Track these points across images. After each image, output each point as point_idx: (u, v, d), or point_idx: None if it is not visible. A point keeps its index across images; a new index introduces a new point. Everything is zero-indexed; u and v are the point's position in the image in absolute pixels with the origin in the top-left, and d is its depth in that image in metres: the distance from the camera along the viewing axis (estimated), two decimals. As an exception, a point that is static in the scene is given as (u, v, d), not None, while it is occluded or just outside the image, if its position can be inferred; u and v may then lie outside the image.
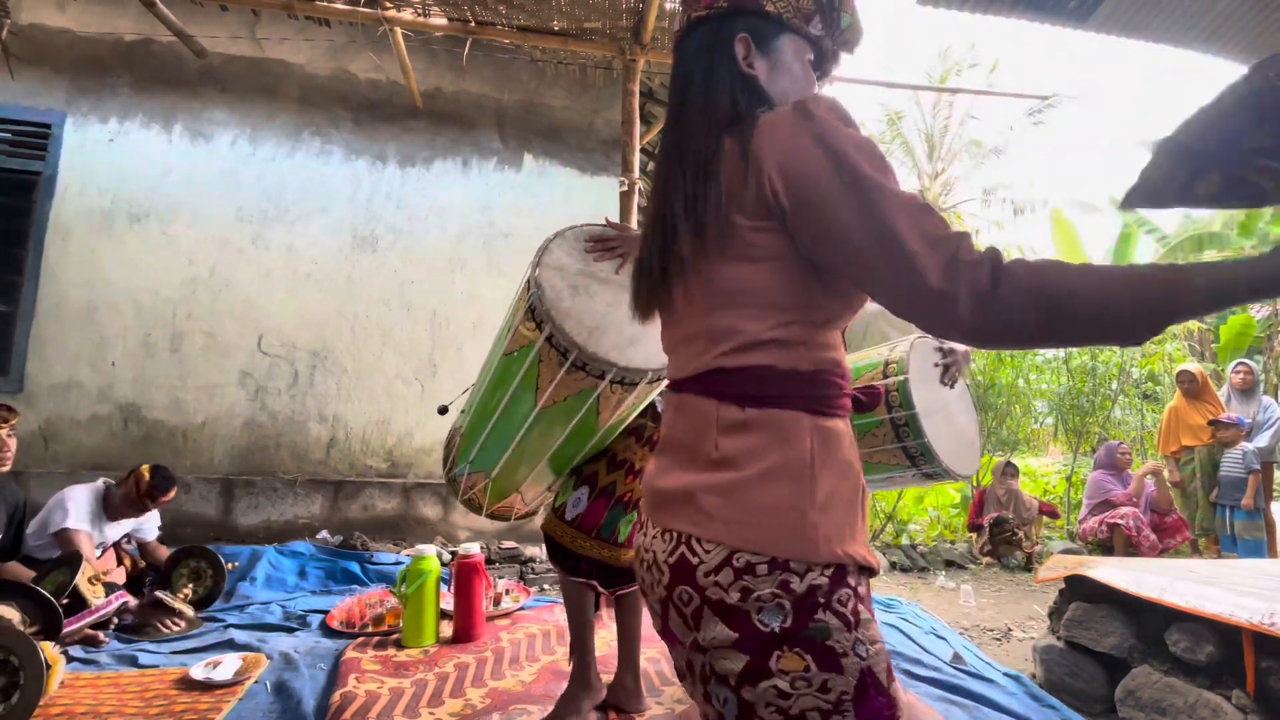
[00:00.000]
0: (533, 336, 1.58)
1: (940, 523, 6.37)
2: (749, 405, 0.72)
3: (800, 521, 0.67)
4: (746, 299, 0.73)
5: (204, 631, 2.68)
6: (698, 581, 0.69)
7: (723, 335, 0.74)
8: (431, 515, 4.25)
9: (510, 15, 3.71)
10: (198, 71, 4.18)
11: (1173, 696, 2.00)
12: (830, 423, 0.73)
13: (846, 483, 0.72)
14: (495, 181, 4.58)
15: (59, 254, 3.92)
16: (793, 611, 0.66)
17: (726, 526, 0.69)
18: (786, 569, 0.66)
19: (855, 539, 0.70)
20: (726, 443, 0.72)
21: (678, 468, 0.76)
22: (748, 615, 0.67)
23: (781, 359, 0.72)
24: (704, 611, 0.69)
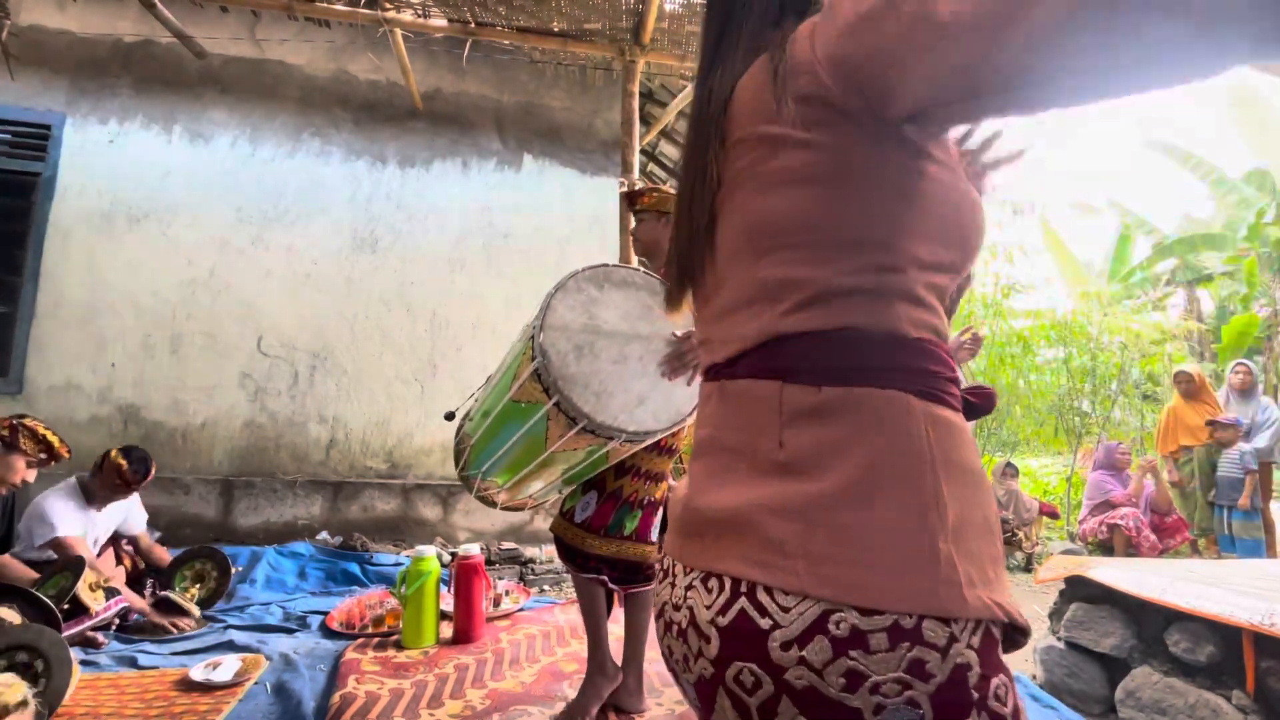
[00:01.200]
0: (541, 399, 1.58)
1: (940, 523, 6.35)
2: (826, 382, 0.50)
3: (929, 553, 0.45)
4: (807, 234, 0.52)
5: (204, 633, 2.68)
6: (770, 657, 0.45)
7: (778, 290, 0.53)
8: (431, 516, 4.25)
9: (510, 16, 3.72)
10: (198, 73, 4.18)
11: (1173, 697, 2.00)
12: (947, 414, 0.50)
13: (979, 499, 0.49)
14: (495, 182, 4.58)
15: (59, 255, 3.92)
16: (931, 712, 0.43)
17: (815, 567, 0.45)
18: (919, 639, 0.43)
19: (1004, 584, 0.48)
20: (795, 437, 0.50)
21: (725, 479, 0.53)
22: (858, 714, 0.43)
23: (870, 317, 0.50)
24: (781, 704, 0.45)
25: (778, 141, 0.52)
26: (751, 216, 0.54)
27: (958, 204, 0.54)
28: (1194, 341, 9.78)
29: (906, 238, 0.51)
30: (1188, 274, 10.97)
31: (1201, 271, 10.80)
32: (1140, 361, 6.80)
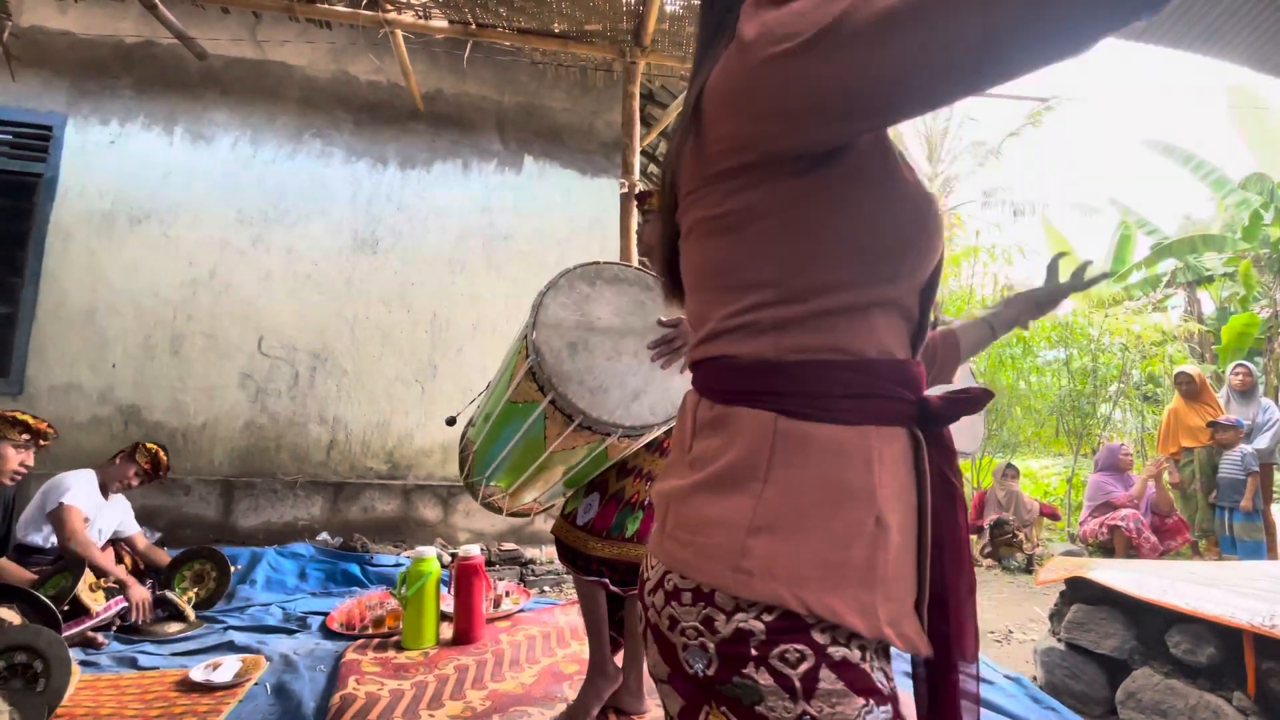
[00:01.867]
0: (537, 397, 1.58)
1: (941, 524, 6.35)
2: (719, 401, 0.61)
3: (729, 544, 0.54)
4: (710, 279, 0.63)
5: (204, 633, 2.68)
6: (644, 598, 0.62)
7: (697, 323, 0.65)
8: (431, 517, 4.25)
9: (511, 17, 3.72)
10: (199, 74, 4.19)
11: (1173, 698, 2.00)
12: (816, 428, 0.56)
13: (826, 507, 0.54)
14: (495, 183, 4.58)
15: (59, 256, 3.93)
16: (716, 658, 0.53)
17: (663, 540, 0.60)
18: (711, 602, 0.54)
19: (836, 587, 0.53)
20: (699, 444, 0.62)
21: (670, 470, 0.67)
22: (675, 650, 0.56)
23: (744, 348, 0.59)
24: (648, 634, 0.61)
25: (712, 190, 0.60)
26: (690, 259, 0.66)
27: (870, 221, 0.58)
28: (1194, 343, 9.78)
29: (794, 273, 0.58)
30: (1188, 275, 10.97)
31: (1202, 272, 10.80)
32: (1141, 363, 6.80)
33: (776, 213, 0.57)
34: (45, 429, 2.64)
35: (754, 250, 0.58)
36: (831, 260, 0.57)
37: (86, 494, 2.73)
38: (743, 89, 0.53)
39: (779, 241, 0.57)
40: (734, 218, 0.58)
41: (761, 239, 0.58)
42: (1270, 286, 9.43)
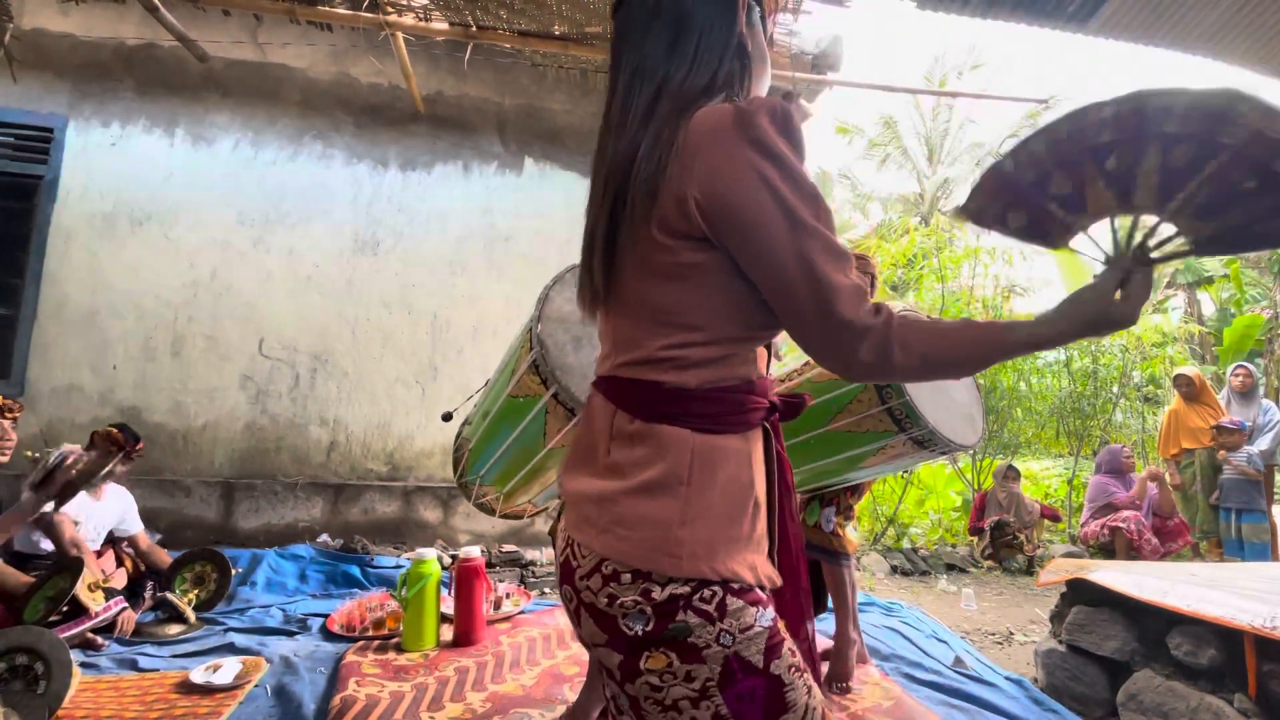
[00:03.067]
0: (539, 390, 1.58)
1: (941, 526, 6.36)
2: (639, 417, 0.73)
3: (664, 537, 0.69)
4: (651, 313, 0.73)
5: (204, 635, 2.68)
6: (575, 583, 0.73)
7: (625, 346, 0.76)
8: (432, 519, 4.24)
9: (511, 20, 3.72)
10: (200, 76, 4.19)
11: (1174, 700, 2.00)
12: (720, 439, 0.73)
13: (727, 499, 0.72)
14: (496, 185, 4.59)
15: (60, 258, 3.93)
16: (654, 616, 0.68)
17: (599, 535, 0.71)
18: (648, 579, 0.68)
19: (731, 555, 0.70)
20: (616, 451, 0.74)
21: (579, 469, 0.78)
22: (615, 620, 0.70)
23: (669, 377, 0.72)
24: (580, 611, 0.73)
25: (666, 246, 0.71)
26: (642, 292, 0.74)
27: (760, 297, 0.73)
28: (1195, 344, 9.78)
29: (720, 320, 0.73)
30: (1188, 276, 10.97)
31: (1202, 274, 10.80)
32: (1141, 364, 6.79)
33: (714, 275, 0.71)
34: (4, 402, 2.60)
35: (694, 300, 0.72)
36: (745, 316, 0.73)
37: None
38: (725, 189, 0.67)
39: (712, 297, 0.71)
40: (688, 270, 0.71)
41: (700, 291, 0.71)
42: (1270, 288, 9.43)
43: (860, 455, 2.02)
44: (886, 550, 5.09)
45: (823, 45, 4.17)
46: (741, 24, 0.76)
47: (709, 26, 0.73)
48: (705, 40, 0.73)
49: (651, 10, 0.75)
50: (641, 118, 0.72)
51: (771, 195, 0.66)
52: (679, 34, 0.73)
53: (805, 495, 2.44)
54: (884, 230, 13.88)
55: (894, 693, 2.26)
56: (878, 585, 4.30)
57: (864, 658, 2.51)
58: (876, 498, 6.07)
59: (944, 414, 1.93)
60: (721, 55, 0.73)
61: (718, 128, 0.67)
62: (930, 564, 4.83)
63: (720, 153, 0.66)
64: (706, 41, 0.73)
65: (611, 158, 0.74)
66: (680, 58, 0.72)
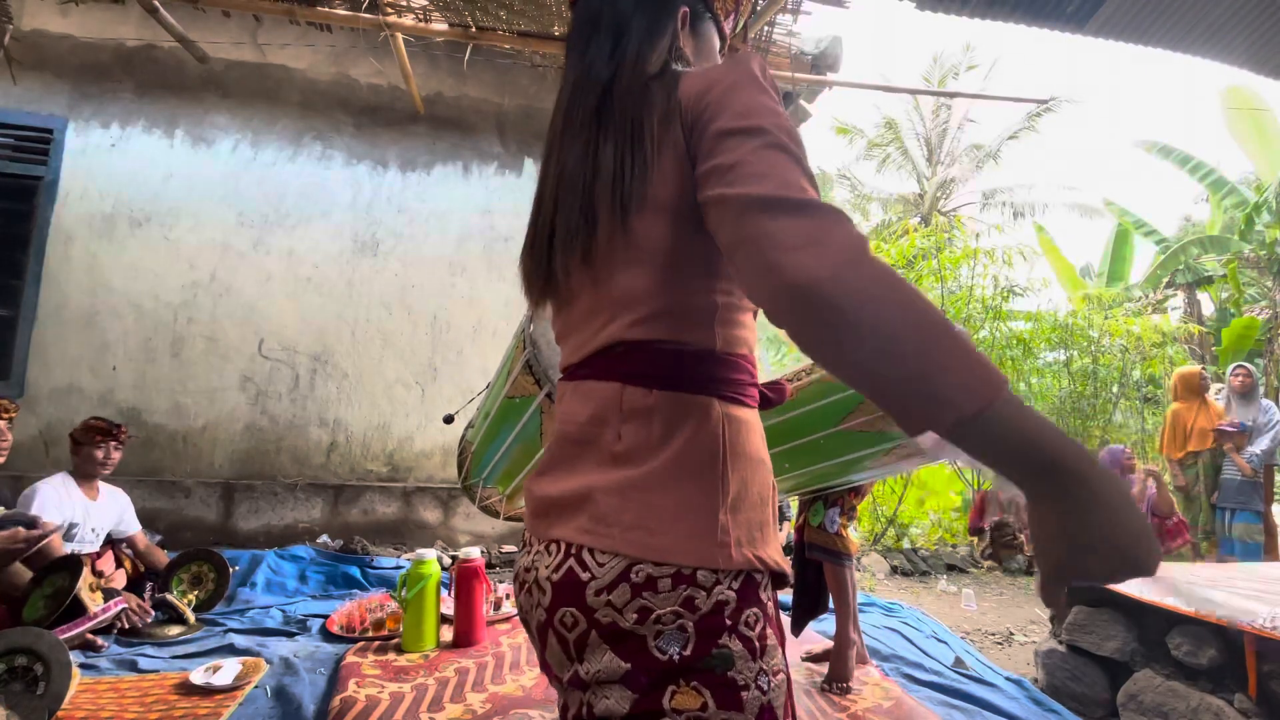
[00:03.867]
0: (533, 390, 1.59)
1: (941, 526, 6.36)
2: (657, 386, 0.62)
3: (710, 523, 0.59)
4: (660, 258, 0.62)
5: (204, 636, 2.67)
6: (586, 601, 0.58)
7: (630, 301, 0.63)
8: (432, 519, 4.24)
9: (510, 21, 3.72)
10: (199, 77, 4.20)
11: (1175, 700, 2.00)
12: (743, 411, 0.65)
13: (758, 478, 0.64)
14: (496, 186, 4.59)
15: (60, 259, 3.93)
16: (695, 635, 0.56)
17: (625, 533, 0.58)
18: (693, 582, 0.57)
19: (768, 542, 0.62)
20: (631, 431, 0.61)
21: (571, 468, 0.65)
22: (644, 641, 0.57)
23: (695, 336, 0.63)
24: (590, 638, 0.58)
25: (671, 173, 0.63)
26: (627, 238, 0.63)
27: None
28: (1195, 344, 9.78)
29: (728, 277, 0.64)
30: (1187, 276, 10.98)
31: (1201, 274, 10.81)
32: (1141, 364, 6.79)
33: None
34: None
35: (702, 244, 0.62)
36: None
37: (57, 502, 2.67)
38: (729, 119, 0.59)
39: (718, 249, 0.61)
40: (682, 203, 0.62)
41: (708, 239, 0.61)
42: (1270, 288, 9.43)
43: (871, 455, 2.01)
44: (887, 550, 5.09)
45: (822, 46, 4.18)
46: (679, 34, 0.73)
47: (646, 34, 0.71)
48: (645, 47, 0.70)
49: (593, 22, 0.73)
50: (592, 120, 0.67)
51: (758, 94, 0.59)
52: (619, 40, 0.70)
53: (809, 496, 2.44)
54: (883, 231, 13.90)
55: (894, 693, 2.26)
56: (878, 585, 4.30)
57: (864, 658, 2.51)
58: (876, 498, 6.07)
59: None
60: (665, 62, 0.71)
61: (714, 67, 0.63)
62: (930, 564, 4.83)
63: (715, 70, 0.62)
64: (646, 49, 0.70)
65: (562, 161, 0.69)
66: (619, 63, 0.69)
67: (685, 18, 0.74)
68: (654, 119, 0.63)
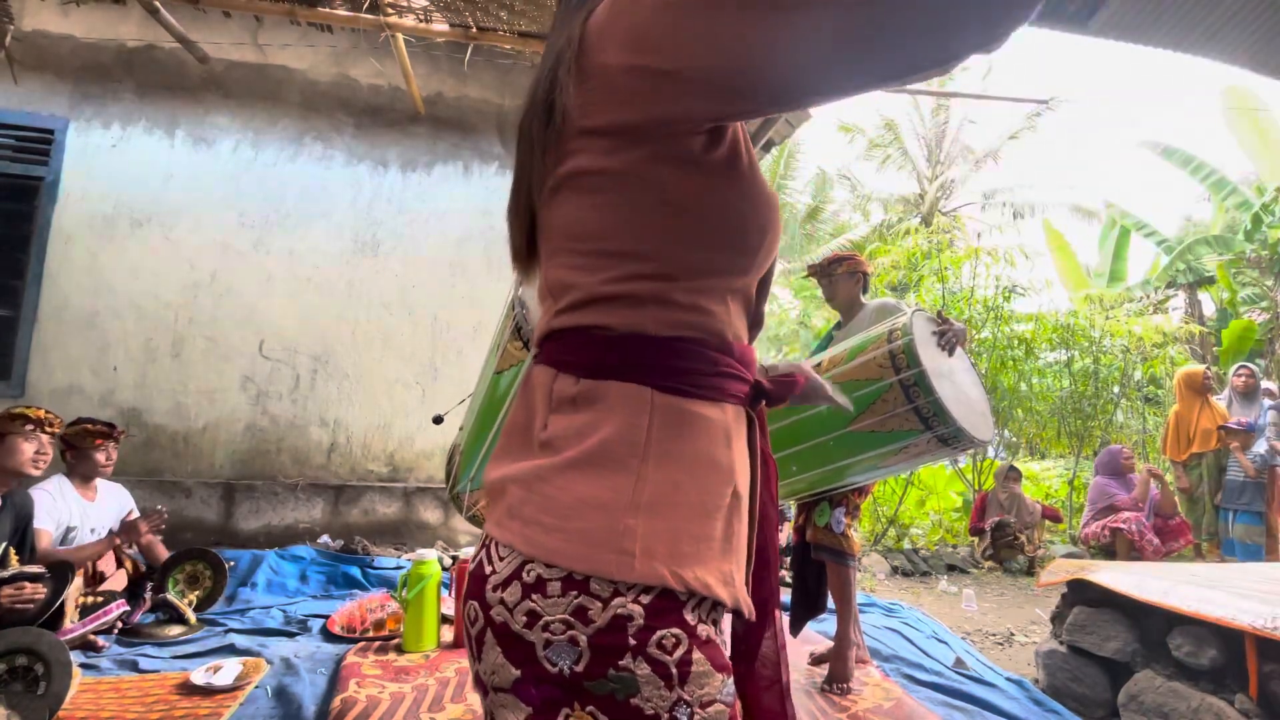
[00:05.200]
0: (521, 356, 1.58)
1: (942, 527, 6.36)
2: (584, 375, 0.57)
3: (609, 526, 0.51)
4: (581, 243, 0.57)
5: (205, 636, 2.67)
6: (485, 597, 0.54)
7: (559, 290, 0.59)
8: (432, 520, 4.24)
9: (511, 21, 3.73)
10: (200, 77, 4.20)
11: (1175, 701, 2.00)
12: (690, 404, 0.56)
13: (700, 484, 0.55)
14: (496, 186, 4.59)
15: (61, 259, 3.93)
16: (589, 651, 0.50)
17: (523, 528, 0.54)
18: (585, 590, 0.50)
19: (701, 559, 0.53)
20: (556, 421, 0.57)
21: (505, 454, 0.61)
22: (533, 649, 0.51)
23: (620, 319, 0.56)
24: (486, 636, 0.54)
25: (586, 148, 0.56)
26: (557, 219, 0.59)
27: (738, 212, 0.58)
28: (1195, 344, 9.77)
29: (675, 248, 0.56)
30: (1188, 276, 10.97)
31: (1203, 274, 10.80)
32: (1142, 364, 6.79)
33: (657, 184, 0.55)
34: (45, 415, 2.61)
35: (632, 217, 0.56)
36: (705, 243, 0.57)
37: (50, 506, 2.66)
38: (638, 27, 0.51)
39: (658, 214, 0.55)
40: (612, 177, 0.55)
41: (640, 208, 0.55)
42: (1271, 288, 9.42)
43: (883, 454, 2.02)
44: (887, 551, 5.09)
45: (822, 46, 4.18)
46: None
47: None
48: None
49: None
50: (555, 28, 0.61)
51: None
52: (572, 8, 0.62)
53: (814, 497, 2.44)
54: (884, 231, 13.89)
55: (894, 693, 2.26)
56: (878, 586, 4.29)
57: (864, 659, 2.51)
58: (877, 499, 6.07)
59: (965, 410, 1.93)
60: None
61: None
62: (931, 565, 4.83)
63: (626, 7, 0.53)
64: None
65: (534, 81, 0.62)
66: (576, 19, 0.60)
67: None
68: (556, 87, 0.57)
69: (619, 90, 0.53)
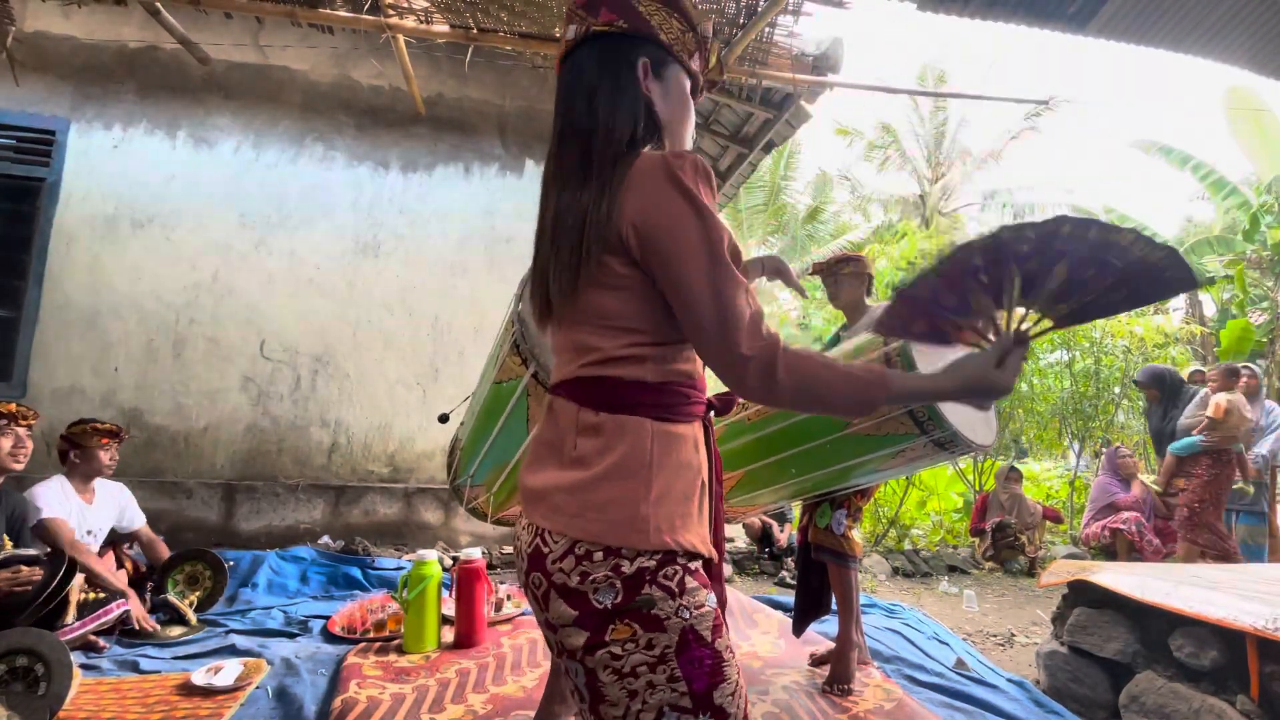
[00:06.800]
0: (520, 371, 1.60)
1: (943, 528, 6.35)
2: (602, 410, 0.82)
3: (632, 515, 0.78)
4: (603, 320, 0.83)
5: (205, 637, 2.68)
6: (546, 568, 0.79)
7: (585, 350, 0.84)
8: (433, 520, 4.24)
9: (512, 22, 3.73)
10: (201, 79, 4.20)
11: (1177, 702, 1.99)
12: (673, 427, 0.83)
13: (682, 480, 0.82)
14: (497, 187, 4.59)
15: (63, 260, 3.94)
16: (623, 589, 0.77)
17: (570, 520, 0.79)
18: (618, 555, 0.77)
19: (688, 529, 0.81)
20: (582, 443, 0.82)
21: (543, 466, 0.85)
22: (585, 596, 0.77)
23: (629, 372, 0.82)
24: (550, 594, 0.79)
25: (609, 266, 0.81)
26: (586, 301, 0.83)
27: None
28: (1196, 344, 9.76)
29: (662, 325, 0.83)
30: (1190, 277, 10.94)
31: (1204, 274, 10.79)
32: (1143, 365, 6.78)
33: (641, 289, 0.81)
34: (17, 409, 2.61)
35: (634, 307, 0.82)
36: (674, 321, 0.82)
37: (59, 501, 2.67)
38: (661, 237, 0.78)
39: (648, 304, 0.82)
40: (625, 281, 0.81)
41: (638, 300, 0.82)
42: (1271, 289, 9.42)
43: (879, 458, 2.02)
44: (888, 552, 5.09)
45: (823, 47, 4.18)
46: (643, 86, 0.86)
47: (613, 91, 0.85)
48: (614, 103, 0.84)
49: (573, 79, 0.88)
50: (578, 172, 0.84)
51: (692, 231, 0.77)
52: (591, 99, 0.85)
53: (816, 499, 2.44)
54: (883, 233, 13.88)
55: (895, 695, 2.26)
56: (879, 587, 4.29)
57: (866, 659, 2.50)
58: (878, 499, 6.06)
59: (964, 415, 1.93)
60: (633, 115, 0.85)
61: (649, 171, 0.79)
62: (932, 565, 4.83)
63: (651, 191, 0.78)
64: (613, 105, 0.84)
65: (557, 204, 0.86)
66: (595, 120, 0.84)
67: (646, 69, 0.87)
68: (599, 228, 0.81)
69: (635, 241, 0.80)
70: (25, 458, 2.59)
